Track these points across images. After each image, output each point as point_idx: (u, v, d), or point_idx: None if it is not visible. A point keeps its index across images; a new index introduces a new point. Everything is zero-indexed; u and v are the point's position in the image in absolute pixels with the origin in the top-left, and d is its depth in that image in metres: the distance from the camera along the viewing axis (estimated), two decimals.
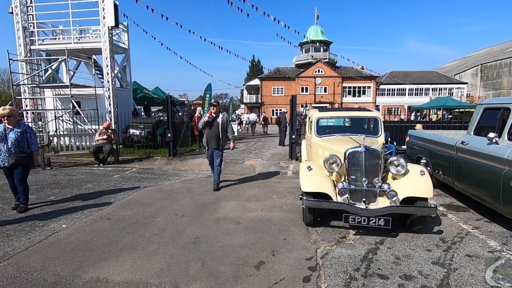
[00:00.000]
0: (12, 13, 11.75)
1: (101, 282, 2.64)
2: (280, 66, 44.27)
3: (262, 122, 21.35)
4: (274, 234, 3.72)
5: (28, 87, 11.95)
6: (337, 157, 3.72)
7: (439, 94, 39.30)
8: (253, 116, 20.75)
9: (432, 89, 41.24)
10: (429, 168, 5.77)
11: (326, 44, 42.73)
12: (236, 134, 17.50)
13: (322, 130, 5.09)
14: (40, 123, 12.01)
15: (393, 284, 2.62)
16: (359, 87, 40.98)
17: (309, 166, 3.85)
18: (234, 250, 3.28)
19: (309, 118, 5.57)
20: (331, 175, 3.88)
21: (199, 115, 11.30)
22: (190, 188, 5.90)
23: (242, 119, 22.18)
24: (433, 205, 3.37)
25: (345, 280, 2.68)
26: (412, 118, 25.92)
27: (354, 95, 41.07)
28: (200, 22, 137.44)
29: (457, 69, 47.72)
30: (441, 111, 26.00)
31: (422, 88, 41.38)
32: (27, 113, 12.26)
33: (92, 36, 12.43)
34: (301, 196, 3.69)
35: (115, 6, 11.37)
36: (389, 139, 8.52)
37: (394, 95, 42.08)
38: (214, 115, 5.60)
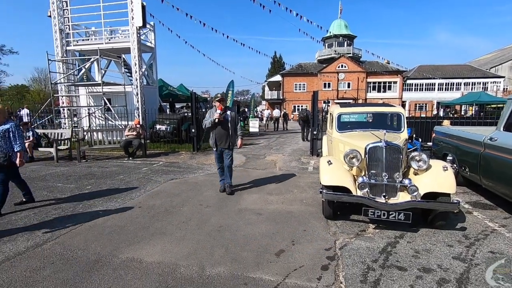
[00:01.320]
0: (50, 16, 12.63)
1: (136, 262, 2.92)
2: (302, 62, 43.81)
3: (282, 118, 21.53)
4: (294, 225, 3.86)
5: (64, 85, 12.83)
6: (358, 152, 3.77)
7: (472, 89, 37.14)
8: (276, 112, 20.88)
9: (465, 83, 39.04)
10: (455, 165, 5.63)
11: (350, 38, 41.70)
12: (257, 130, 17.67)
13: (343, 126, 5.12)
14: (75, 119, 12.87)
15: (411, 276, 2.67)
16: (385, 83, 39.67)
17: (329, 161, 3.93)
18: (256, 238, 3.46)
19: (331, 113, 5.60)
20: (351, 169, 3.94)
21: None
22: (213, 181, 6.16)
23: (262, 116, 22.38)
24: (456, 201, 3.34)
25: (363, 270, 2.78)
26: (442, 114, 24.80)
27: (379, 91, 39.84)
28: (222, 20, 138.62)
29: (493, 62, 44.68)
30: (473, 106, 24.68)
31: (453, 83, 39.28)
32: (63, 109, 13.19)
33: (122, 36, 13.07)
34: (321, 190, 3.79)
35: (143, 7, 11.87)
36: (414, 136, 8.37)
37: (422, 90, 40.31)
38: (223, 112, 5.11)
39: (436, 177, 3.53)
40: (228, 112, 5.10)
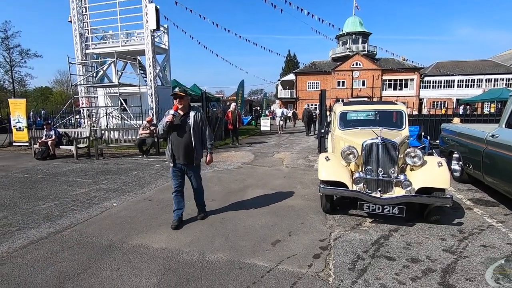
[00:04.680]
0: (71, 21, 13.33)
1: (143, 248, 3.21)
2: (316, 60, 43.53)
3: (291, 117, 22.10)
4: (293, 218, 4.04)
5: (83, 87, 13.52)
6: (354, 148, 3.91)
7: (494, 86, 35.69)
8: (286, 111, 21.23)
9: (486, 80, 37.58)
10: (461, 163, 5.62)
11: (365, 35, 41.02)
12: (268, 129, 17.80)
13: (346, 124, 5.23)
14: (94, 119, 13.53)
15: (398, 265, 2.81)
16: (401, 80, 38.76)
17: (327, 157, 4.08)
18: (255, 229, 3.67)
19: (334, 111, 5.72)
20: (349, 165, 4.08)
21: (232, 110, 11.82)
22: (220, 177, 6.42)
23: (274, 115, 22.71)
24: (449, 196, 3.42)
25: (352, 259, 2.93)
26: (461, 111, 24.06)
27: (395, 88, 38.99)
28: (235, 20, 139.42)
29: None
30: (495, 104, 23.79)
31: (474, 79, 37.92)
32: (83, 110, 13.89)
33: (137, 39, 13.60)
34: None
35: (157, 10, 12.31)
36: (422, 134, 8.31)
37: (440, 87, 39.16)
38: (180, 112, 3.64)
39: (431, 173, 3.61)
40: (192, 114, 3.65)
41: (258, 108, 29.27)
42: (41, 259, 2.98)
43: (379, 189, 3.70)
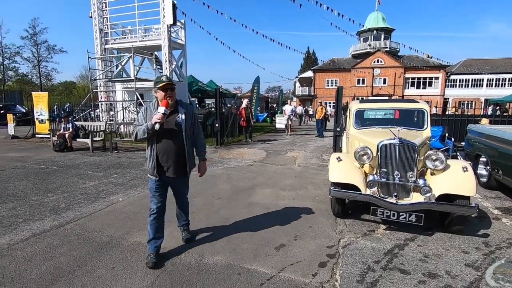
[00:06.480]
0: (91, 17, 13.61)
1: (142, 246, 3.10)
2: (335, 57, 42.53)
3: (304, 114, 22.88)
4: (301, 221, 3.82)
5: (102, 81, 13.80)
6: (368, 149, 3.62)
7: None
8: (299, 109, 21.08)
9: None
10: (488, 168, 5.17)
11: (387, 31, 39.58)
12: (283, 126, 17.48)
13: (362, 123, 4.92)
14: (111, 112, 13.80)
15: (413, 280, 2.54)
16: (425, 78, 37.15)
17: (339, 157, 3.82)
18: (259, 231, 3.49)
19: (349, 109, 5.41)
20: (362, 167, 3.80)
21: (245, 106, 11.66)
22: (230, 175, 6.28)
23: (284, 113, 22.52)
24: (474, 204, 3.08)
25: (362, 270, 2.69)
26: (490, 112, 22.66)
27: (418, 87, 37.44)
28: (253, 16, 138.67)
29: None
30: None
31: (505, 78, 35.67)
32: (101, 104, 14.20)
33: (154, 34, 13.69)
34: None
35: (174, 5, 12.31)
36: (446, 135, 7.79)
37: (468, 86, 37.16)
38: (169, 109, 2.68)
39: (454, 178, 3.27)
40: (182, 111, 2.80)
41: (275, 105, 29.02)
42: (40, 253, 2.94)
43: (395, 194, 3.40)
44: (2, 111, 19.75)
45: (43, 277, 2.53)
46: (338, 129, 8.73)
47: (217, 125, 10.29)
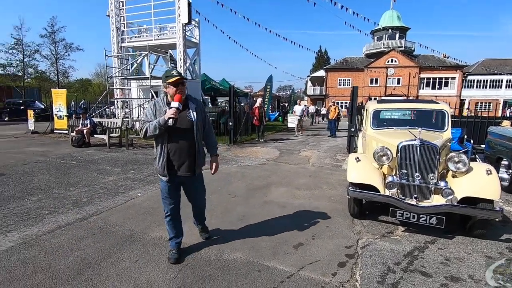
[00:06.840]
0: (109, 16, 13.89)
1: (163, 240, 3.18)
2: (348, 56, 41.99)
3: (315, 113, 23.41)
4: (318, 221, 3.82)
5: (118, 79, 14.08)
6: (388, 150, 3.59)
7: None
8: (312, 108, 21.11)
9: None
10: (510, 171, 5.04)
11: (403, 30, 38.80)
12: (295, 125, 17.42)
13: (379, 123, 4.87)
14: (127, 110, 14.08)
15: (435, 283, 2.51)
16: (440, 78, 36.24)
17: (357, 157, 3.80)
18: (277, 230, 3.51)
19: (366, 110, 5.36)
20: (381, 168, 3.76)
21: (258, 105, 11.68)
22: (244, 173, 6.32)
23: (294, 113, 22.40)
24: (498, 208, 3.02)
25: (382, 271, 2.68)
26: (508, 114, 21.94)
27: (433, 87, 36.57)
28: (265, 14, 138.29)
29: None
30: None
31: None
32: (117, 101, 14.49)
33: (169, 33, 13.87)
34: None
35: (189, 4, 12.44)
36: (465, 137, 7.61)
37: (486, 87, 36.07)
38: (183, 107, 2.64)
39: (477, 181, 3.21)
40: (193, 107, 2.75)
41: (286, 104, 28.97)
42: (66, 244, 3.05)
43: (415, 195, 3.36)
44: (22, 107, 20.45)
45: (71, 267, 2.63)
46: (352, 129, 8.66)
47: (230, 123, 10.36)
